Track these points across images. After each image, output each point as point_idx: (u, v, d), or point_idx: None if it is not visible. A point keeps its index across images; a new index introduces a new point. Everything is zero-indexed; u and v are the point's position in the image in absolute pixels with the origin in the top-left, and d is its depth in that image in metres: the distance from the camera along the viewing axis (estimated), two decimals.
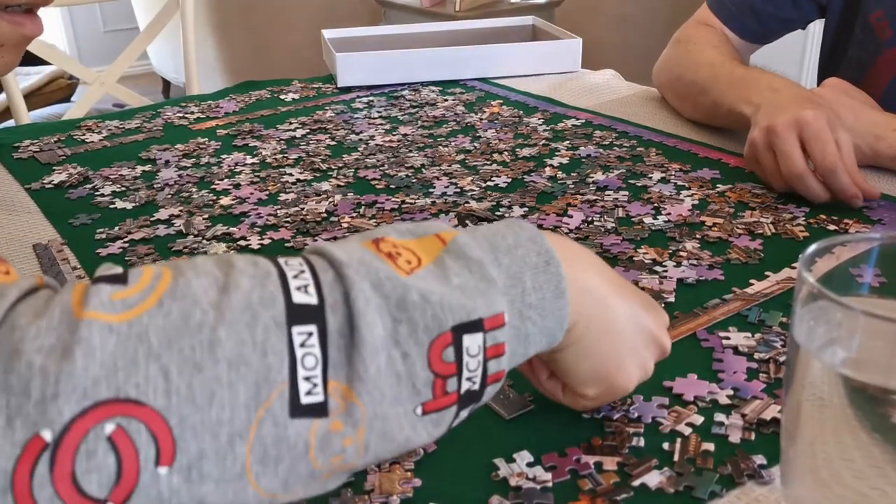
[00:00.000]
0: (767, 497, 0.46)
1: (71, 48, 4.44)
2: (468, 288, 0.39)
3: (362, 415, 0.36)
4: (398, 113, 1.18)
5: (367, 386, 0.36)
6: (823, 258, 0.40)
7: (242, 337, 0.34)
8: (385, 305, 0.36)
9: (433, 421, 0.38)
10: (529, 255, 0.42)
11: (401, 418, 0.37)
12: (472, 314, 0.38)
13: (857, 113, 0.89)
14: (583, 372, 0.47)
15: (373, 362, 0.36)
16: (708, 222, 0.79)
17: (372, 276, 0.37)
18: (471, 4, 3.00)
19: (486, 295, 0.39)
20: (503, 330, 0.39)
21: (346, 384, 0.35)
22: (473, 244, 0.40)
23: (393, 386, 0.36)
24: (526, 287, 0.41)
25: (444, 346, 0.37)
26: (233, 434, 0.33)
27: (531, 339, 0.42)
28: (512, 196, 0.87)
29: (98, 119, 1.20)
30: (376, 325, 0.36)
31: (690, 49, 1.10)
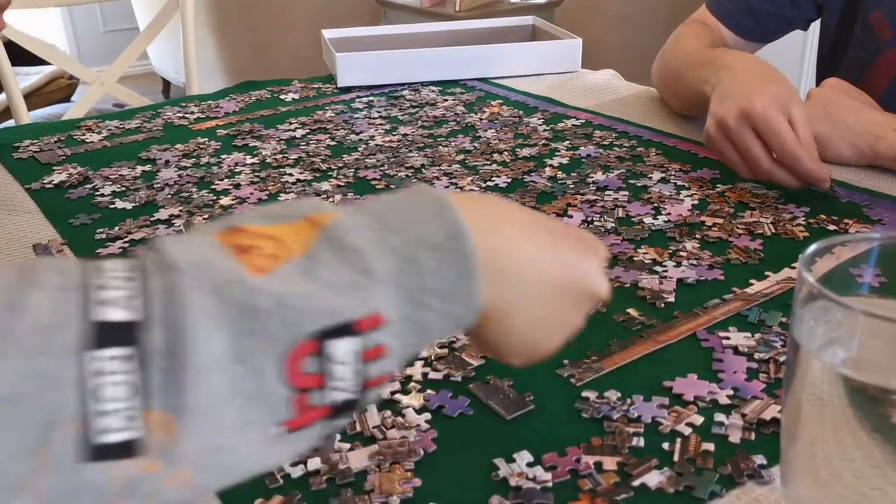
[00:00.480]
0: (767, 497, 0.46)
1: (71, 48, 4.44)
2: (339, 285, 0.33)
3: (190, 451, 0.30)
4: (398, 113, 1.18)
5: (198, 416, 0.30)
6: (823, 258, 0.40)
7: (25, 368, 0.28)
8: (227, 315, 0.31)
9: (296, 438, 0.33)
10: (430, 230, 0.36)
11: (250, 445, 0.32)
12: (339, 316, 0.33)
13: (856, 113, 0.89)
14: (504, 347, 0.43)
15: (205, 386, 0.30)
16: (708, 222, 0.79)
17: (213, 279, 0.31)
18: (471, 4, 3.00)
19: (361, 291, 0.33)
20: (382, 331, 0.34)
21: (169, 415, 0.29)
22: (356, 227, 0.35)
23: (237, 411, 0.31)
24: (423, 269, 0.35)
25: (303, 357, 0.32)
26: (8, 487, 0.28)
27: (430, 326, 0.36)
28: (512, 196, 0.87)
29: (98, 119, 1.20)
30: (212, 341, 0.30)
31: (676, 41, 1.12)
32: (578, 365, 0.58)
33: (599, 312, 0.65)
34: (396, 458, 0.50)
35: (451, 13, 2.97)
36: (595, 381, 0.56)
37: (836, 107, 0.90)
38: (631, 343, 0.61)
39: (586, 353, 0.59)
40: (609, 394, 0.55)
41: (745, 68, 0.89)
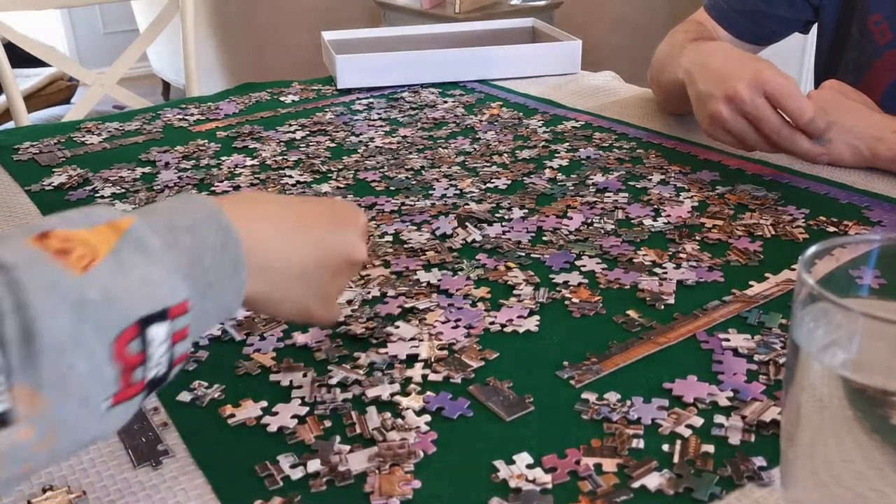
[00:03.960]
0: (767, 499, 0.46)
1: (71, 50, 4.44)
2: (150, 279, 0.38)
3: (55, 419, 0.35)
4: (398, 115, 1.18)
5: (55, 389, 0.35)
6: (823, 260, 0.40)
7: None
8: (64, 306, 0.35)
9: (120, 411, 0.38)
10: (208, 234, 0.43)
11: (90, 416, 0.37)
12: (157, 305, 0.38)
13: (856, 115, 0.89)
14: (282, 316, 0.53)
15: (58, 364, 0.35)
16: (707, 224, 0.79)
17: (46, 277, 0.35)
18: (471, 6, 3.00)
19: (168, 285, 0.39)
20: (187, 315, 0.40)
21: (33, 389, 0.34)
22: (151, 232, 0.40)
23: (80, 386, 0.35)
24: (206, 266, 0.42)
25: (129, 340, 0.37)
26: None
27: (210, 315, 0.44)
28: (511, 198, 0.87)
29: (98, 121, 1.20)
30: (56, 328, 0.35)
31: (667, 38, 1.13)
32: (578, 367, 0.58)
33: (599, 314, 0.65)
34: (396, 460, 0.50)
35: (451, 15, 2.98)
36: (595, 383, 0.56)
37: (836, 109, 0.90)
38: (631, 345, 0.61)
39: (586, 355, 0.59)
40: (609, 395, 0.55)
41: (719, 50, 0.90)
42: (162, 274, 0.39)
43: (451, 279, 0.71)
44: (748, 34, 1.13)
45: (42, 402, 0.34)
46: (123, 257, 0.38)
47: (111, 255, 0.38)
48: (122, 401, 0.38)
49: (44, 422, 0.34)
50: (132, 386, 0.38)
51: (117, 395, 0.37)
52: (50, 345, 0.34)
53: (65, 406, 0.35)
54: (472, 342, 0.61)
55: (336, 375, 0.58)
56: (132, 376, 0.38)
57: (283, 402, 0.56)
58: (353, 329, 0.63)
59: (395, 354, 0.60)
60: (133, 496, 0.48)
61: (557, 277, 0.70)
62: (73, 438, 0.36)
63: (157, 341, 0.38)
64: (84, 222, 0.39)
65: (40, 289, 0.35)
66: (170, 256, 0.40)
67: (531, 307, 0.66)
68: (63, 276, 0.36)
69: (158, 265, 0.39)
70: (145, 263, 0.39)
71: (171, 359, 0.40)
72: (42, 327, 0.34)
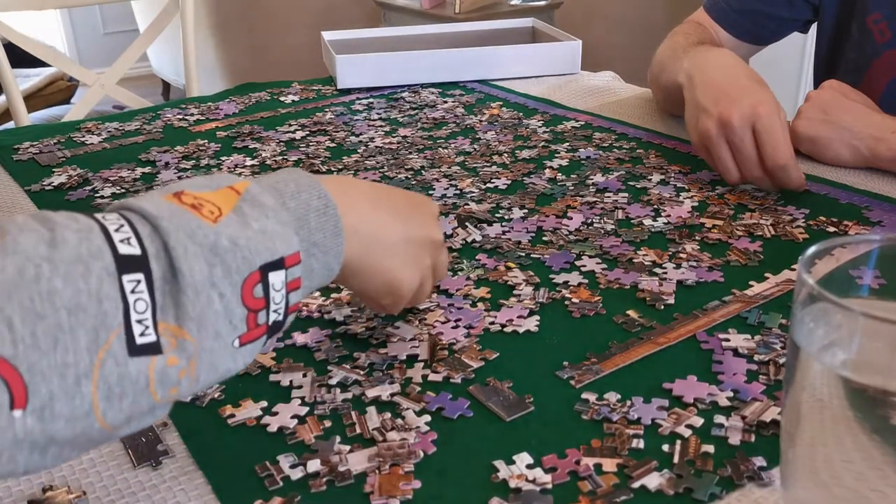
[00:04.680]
0: (767, 499, 0.46)
1: (71, 50, 4.44)
2: (268, 231, 0.43)
3: (194, 349, 0.40)
4: (398, 115, 1.18)
5: (195, 323, 0.39)
6: (823, 260, 0.40)
7: (78, 286, 0.36)
8: (200, 251, 0.40)
9: (248, 351, 0.43)
10: (312, 199, 0.47)
11: (223, 351, 0.41)
12: (275, 254, 0.43)
13: (855, 115, 0.89)
14: (372, 290, 0.54)
15: (197, 302, 0.39)
16: (707, 224, 0.79)
17: (184, 225, 0.40)
18: (471, 6, 3.00)
19: (283, 237, 0.44)
20: (299, 266, 0.44)
21: (176, 324, 0.39)
22: (265, 192, 0.45)
23: (214, 323, 0.40)
24: (311, 227, 0.47)
25: (255, 284, 0.42)
26: (79, 375, 0.36)
27: (315, 273, 0.47)
28: (511, 198, 0.87)
29: (98, 121, 1.20)
30: (195, 269, 0.39)
31: (668, 39, 1.13)
32: (578, 367, 0.58)
33: (599, 314, 0.65)
34: (396, 460, 0.50)
35: (451, 15, 2.98)
36: (595, 383, 0.56)
37: (836, 109, 0.90)
38: (631, 345, 0.61)
39: (586, 355, 0.59)
40: (609, 395, 0.55)
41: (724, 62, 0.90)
42: (277, 227, 0.44)
43: (451, 279, 0.71)
44: (748, 34, 1.13)
45: (184, 334, 0.39)
46: (244, 212, 0.43)
47: (234, 211, 0.43)
48: (248, 341, 0.42)
49: (185, 352, 0.39)
50: (257, 328, 0.42)
51: (244, 335, 0.42)
52: (191, 285, 0.39)
53: (202, 339, 0.40)
54: (472, 342, 0.61)
55: (336, 375, 0.58)
56: (257, 318, 0.42)
57: (283, 402, 0.56)
58: (353, 329, 0.63)
59: (395, 355, 0.60)
60: (133, 496, 0.48)
61: (557, 277, 0.70)
62: (209, 368, 0.41)
63: (275, 287, 0.43)
64: (209, 186, 0.44)
65: (181, 235, 0.40)
66: (282, 214, 0.45)
67: (531, 307, 0.66)
68: (199, 225, 0.41)
69: (273, 220, 0.44)
70: (263, 217, 0.43)
71: (286, 305, 0.44)
72: (185, 268, 0.39)
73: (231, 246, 0.41)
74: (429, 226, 0.58)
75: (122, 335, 0.37)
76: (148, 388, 0.38)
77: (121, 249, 0.38)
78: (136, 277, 0.38)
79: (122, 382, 0.37)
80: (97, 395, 0.36)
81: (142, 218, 0.41)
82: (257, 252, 0.42)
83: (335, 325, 0.64)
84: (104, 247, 0.38)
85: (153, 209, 0.41)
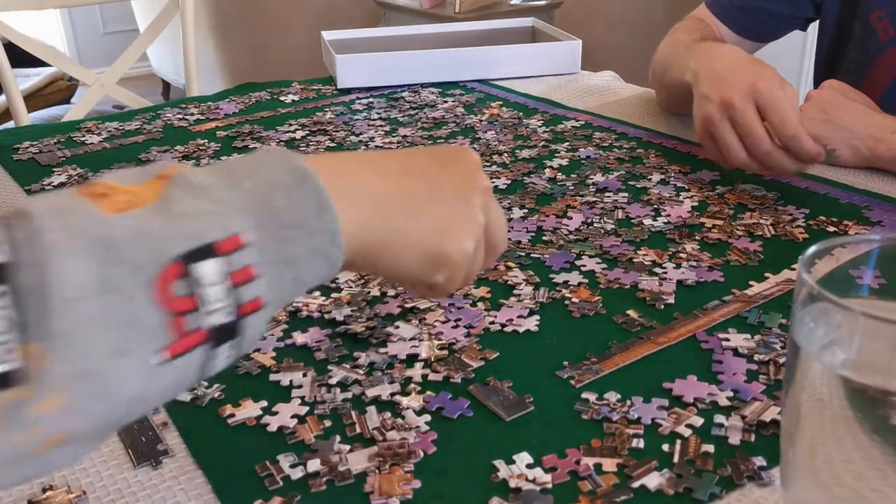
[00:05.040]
0: (767, 499, 0.46)
1: (71, 50, 4.44)
2: (194, 213, 0.35)
3: (61, 375, 0.31)
4: (398, 114, 1.18)
5: (65, 342, 0.31)
6: (823, 260, 0.40)
7: None
8: (87, 249, 0.32)
9: (181, 366, 0.34)
10: (277, 175, 0.39)
11: (130, 372, 0.32)
12: (199, 239, 0.34)
13: (856, 115, 0.89)
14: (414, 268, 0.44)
15: (70, 314, 0.31)
16: (707, 224, 0.79)
17: (70, 220, 0.33)
18: (471, 6, 3.00)
19: (216, 217, 0.36)
20: (245, 251, 0.36)
21: (40, 343, 0.31)
22: (203, 173, 0.37)
23: (109, 336, 0.32)
24: (277, 206, 0.38)
25: (172, 280, 0.33)
26: None
27: (300, 261, 0.39)
28: (511, 198, 0.87)
29: (98, 121, 1.20)
30: (74, 274, 0.31)
31: (670, 36, 1.13)
32: (578, 366, 0.58)
33: (599, 314, 0.65)
34: (396, 460, 0.50)
35: (451, 15, 2.98)
36: (595, 383, 0.56)
37: (836, 109, 0.90)
38: (631, 345, 0.61)
39: (586, 355, 0.59)
40: (609, 395, 0.55)
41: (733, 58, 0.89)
42: (209, 207, 0.36)
43: None
44: (749, 31, 1.13)
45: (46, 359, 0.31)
46: (168, 197, 0.35)
47: (157, 199, 0.35)
48: (180, 353, 0.34)
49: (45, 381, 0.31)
50: (188, 335, 0.34)
51: (172, 346, 0.33)
52: (63, 292, 0.31)
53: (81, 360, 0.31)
54: (472, 342, 0.61)
55: (336, 375, 0.58)
56: (185, 323, 0.34)
57: (283, 401, 0.56)
58: (353, 329, 0.63)
59: (395, 354, 0.60)
60: (133, 496, 0.48)
61: (557, 277, 0.70)
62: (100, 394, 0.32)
63: (206, 280, 0.34)
64: (134, 178, 0.37)
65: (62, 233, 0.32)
66: (224, 193, 0.37)
67: (531, 307, 0.66)
68: (91, 216, 0.33)
69: (204, 200, 0.36)
70: (190, 199, 0.36)
71: (235, 303, 0.35)
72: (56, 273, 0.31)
73: (133, 236, 0.33)
74: (471, 173, 0.47)
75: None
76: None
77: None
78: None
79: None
80: None
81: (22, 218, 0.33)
82: (171, 240, 0.34)
83: (335, 325, 0.64)
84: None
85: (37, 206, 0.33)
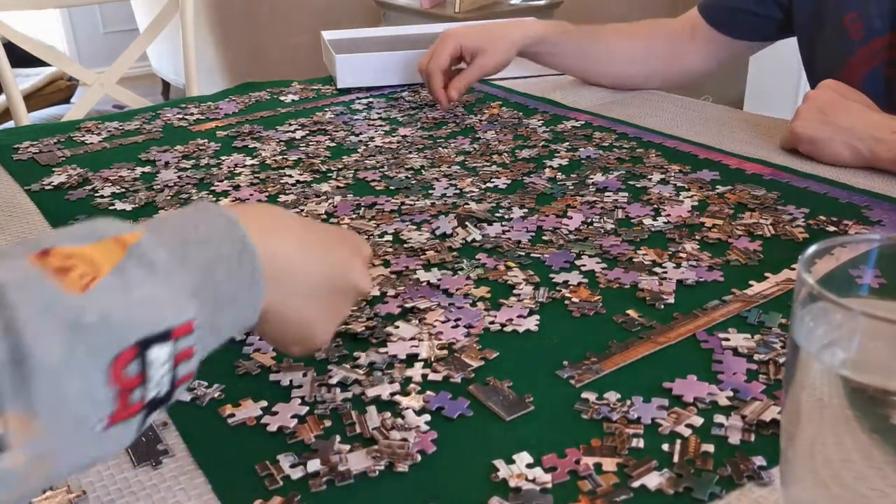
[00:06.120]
0: (767, 498, 0.46)
1: (71, 49, 4.44)
2: (153, 299, 0.37)
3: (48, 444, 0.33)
4: (398, 114, 1.18)
5: (49, 414, 0.33)
6: (823, 259, 0.40)
7: None
8: (58, 328, 0.34)
9: (117, 433, 0.36)
10: (223, 245, 0.41)
11: (85, 440, 0.35)
12: (160, 325, 0.37)
13: (854, 115, 0.89)
14: (284, 338, 0.50)
15: (51, 389, 0.33)
16: (707, 223, 0.79)
17: (41, 298, 0.34)
18: (471, 6, 3.00)
19: (173, 304, 0.38)
20: (192, 335, 0.38)
21: (26, 414, 0.33)
22: (159, 246, 0.39)
23: (74, 409, 0.34)
24: (219, 280, 0.41)
25: (127, 363, 0.35)
26: None
27: (224, 329, 0.43)
28: (511, 197, 0.87)
29: (98, 120, 1.20)
30: (49, 352, 0.33)
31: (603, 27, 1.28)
32: (578, 366, 0.58)
33: (599, 314, 0.65)
34: (395, 459, 0.50)
35: (451, 14, 2.98)
36: (594, 383, 0.56)
37: (834, 109, 0.90)
38: (630, 344, 0.61)
39: (586, 355, 0.59)
40: (609, 395, 0.55)
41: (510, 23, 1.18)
42: (167, 292, 0.38)
43: (451, 279, 0.71)
44: (727, 28, 1.16)
45: (35, 426, 0.33)
46: (127, 274, 0.37)
47: (114, 272, 0.36)
48: (118, 421, 0.36)
49: (36, 447, 0.33)
50: (130, 406, 0.36)
51: (113, 415, 0.36)
52: (43, 368, 0.33)
53: (59, 431, 0.34)
54: (472, 342, 0.61)
55: (336, 375, 0.58)
56: (130, 397, 0.36)
57: (283, 401, 0.56)
58: (353, 328, 0.63)
59: (395, 354, 0.60)
60: (133, 496, 0.48)
61: (557, 277, 0.70)
62: (69, 462, 0.35)
63: (157, 363, 0.37)
64: (89, 237, 0.37)
65: (34, 310, 0.33)
66: (178, 272, 0.39)
67: (531, 307, 0.66)
68: (59, 297, 0.34)
69: (164, 283, 0.38)
70: (150, 281, 0.37)
71: (173, 379, 0.38)
72: (35, 350, 0.33)
73: (98, 322, 0.34)
74: (358, 274, 0.52)
75: None
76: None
77: None
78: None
79: None
80: None
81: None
82: (133, 325, 0.36)
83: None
84: None
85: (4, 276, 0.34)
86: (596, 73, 1.24)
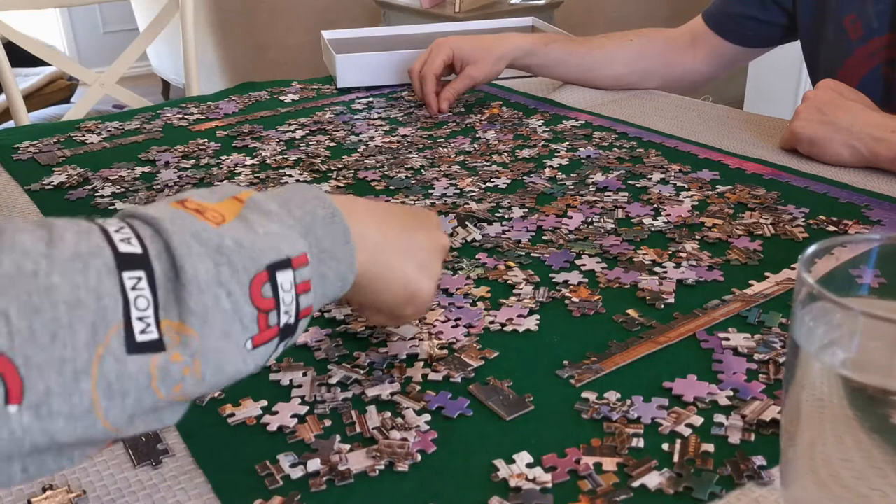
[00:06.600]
0: (767, 498, 0.46)
1: (71, 49, 4.44)
2: (272, 234, 0.43)
3: (198, 346, 0.39)
4: (397, 114, 1.18)
5: (199, 320, 0.39)
6: (823, 259, 0.40)
7: (76, 282, 0.36)
8: (205, 251, 0.40)
9: (260, 354, 0.42)
10: (317, 209, 0.47)
11: (232, 352, 0.40)
12: (281, 254, 0.43)
13: (854, 114, 0.89)
14: (391, 299, 0.53)
15: (201, 299, 0.39)
16: (707, 223, 0.79)
17: (188, 227, 0.40)
18: (470, 5, 3.00)
19: (288, 239, 0.44)
20: (307, 268, 0.44)
21: (179, 320, 0.38)
22: (269, 200, 0.45)
23: (222, 322, 0.40)
24: (318, 235, 0.46)
25: (262, 283, 0.41)
26: (77, 371, 0.35)
27: (328, 280, 0.47)
28: (511, 197, 0.87)
29: (98, 120, 1.20)
30: (200, 268, 0.39)
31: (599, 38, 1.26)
32: (578, 366, 0.58)
33: (599, 313, 0.65)
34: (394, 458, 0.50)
35: (451, 14, 2.98)
36: (594, 382, 0.56)
37: (834, 108, 0.90)
38: (630, 344, 0.61)
39: (586, 355, 0.59)
40: (609, 395, 0.55)
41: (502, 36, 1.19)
42: (282, 230, 0.44)
43: (451, 278, 0.71)
44: (731, 35, 1.16)
45: (187, 331, 0.38)
46: (248, 218, 0.43)
47: (238, 218, 0.43)
48: (261, 343, 0.42)
49: (189, 348, 0.38)
50: (268, 329, 0.42)
51: (256, 336, 0.41)
52: (194, 282, 0.39)
53: (207, 337, 0.39)
54: (472, 341, 0.61)
55: (336, 375, 0.58)
56: (268, 319, 0.42)
57: (282, 401, 0.56)
58: (353, 328, 0.63)
59: (395, 354, 0.60)
60: (133, 495, 0.48)
61: (557, 277, 0.70)
62: (216, 368, 0.40)
63: (285, 286, 0.42)
64: (212, 197, 0.44)
65: (185, 236, 0.40)
66: (287, 220, 0.45)
67: (531, 306, 0.66)
68: (203, 227, 0.41)
69: (278, 224, 0.44)
70: (268, 222, 0.43)
71: (297, 308, 0.43)
72: (188, 266, 0.39)
73: (236, 246, 0.41)
74: (436, 233, 0.58)
75: (120, 332, 0.37)
76: (150, 386, 0.38)
77: (121, 248, 0.38)
78: (137, 275, 0.38)
79: (121, 380, 0.37)
80: (97, 393, 0.36)
81: (143, 222, 0.41)
82: (263, 252, 0.42)
83: (335, 325, 0.64)
84: (103, 245, 0.38)
85: (155, 213, 0.41)
86: (591, 77, 1.23)
